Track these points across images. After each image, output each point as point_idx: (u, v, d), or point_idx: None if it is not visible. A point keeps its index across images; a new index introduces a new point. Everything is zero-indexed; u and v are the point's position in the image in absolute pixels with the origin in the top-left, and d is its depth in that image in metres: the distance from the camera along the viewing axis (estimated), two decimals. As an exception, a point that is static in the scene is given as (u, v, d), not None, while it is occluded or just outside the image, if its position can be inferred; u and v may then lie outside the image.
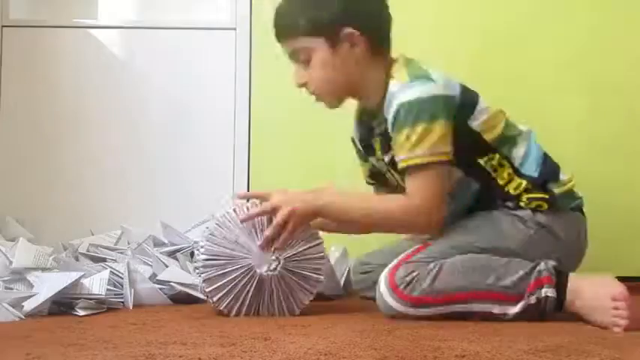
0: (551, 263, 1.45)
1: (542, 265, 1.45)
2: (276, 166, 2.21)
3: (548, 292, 1.42)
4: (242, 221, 1.47)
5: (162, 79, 2.28)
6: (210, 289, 1.45)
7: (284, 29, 1.61)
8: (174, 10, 2.32)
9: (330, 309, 1.55)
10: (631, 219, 2.18)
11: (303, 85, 1.63)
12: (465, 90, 1.57)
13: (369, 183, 1.80)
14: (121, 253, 1.84)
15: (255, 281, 1.45)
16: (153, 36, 2.29)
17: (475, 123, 1.56)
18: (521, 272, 1.44)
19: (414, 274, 1.44)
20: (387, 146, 1.61)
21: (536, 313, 1.42)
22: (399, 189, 1.71)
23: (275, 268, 1.46)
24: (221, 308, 1.46)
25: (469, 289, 1.43)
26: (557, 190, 1.57)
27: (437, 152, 1.49)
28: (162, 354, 1.00)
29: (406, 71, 1.55)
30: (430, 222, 1.51)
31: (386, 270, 1.47)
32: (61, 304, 1.49)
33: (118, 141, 2.26)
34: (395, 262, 1.48)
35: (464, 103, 1.55)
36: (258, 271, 1.45)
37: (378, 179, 1.75)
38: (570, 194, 1.60)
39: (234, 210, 1.49)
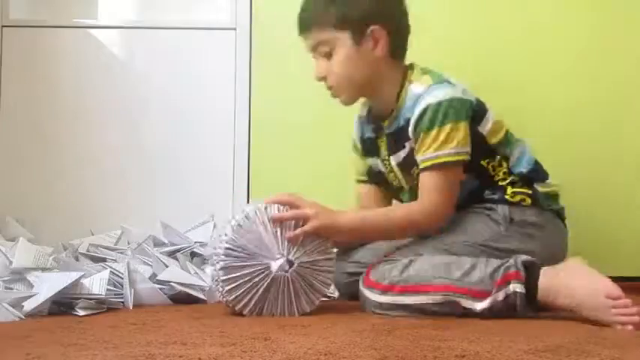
0: (521, 259, 1.47)
1: (510, 261, 1.47)
2: (276, 166, 2.21)
3: (516, 287, 1.43)
4: (273, 220, 1.48)
5: (162, 79, 2.28)
6: (225, 277, 1.46)
7: (312, 19, 1.65)
8: (174, 10, 2.32)
9: (330, 309, 1.55)
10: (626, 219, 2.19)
11: (323, 78, 1.66)
12: (477, 99, 1.66)
13: (359, 181, 1.83)
14: (121, 253, 1.84)
15: (268, 281, 1.46)
16: (153, 36, 2.29)
17: (484, 129, 1.64)
18: (489, 269, 1.47)
19: (385, 267, 1.51)
20: (394, 147, 1.67)
21: (504, 309, 1.44)
22: (398, 189, 1.73)
23: (287, 270, 1.46)
24: (229, 299, 1.46)
25: (436, 283, 1.47)
26: (540, 190, 1.65)
27: (462, 152, 1.57)
28: (162, 354, 1.00)
29: (429, 76, 1.63)
30: (443, 222, 1.59)
31: (364, 272, 1.55)
32: (61, 304, 1.49)
33: (118, 141, 2.26)
34: (372, 263, 1.56)
35: (477, 110, 1.63)
36: (273, 271, 1.46)
37: (377, 178, 1.77)
38: (553, 197, 1.68)
39: (265, 208, 1.50)
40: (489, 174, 1.65)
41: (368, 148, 1.78)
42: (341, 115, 2.17)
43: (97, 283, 1.54)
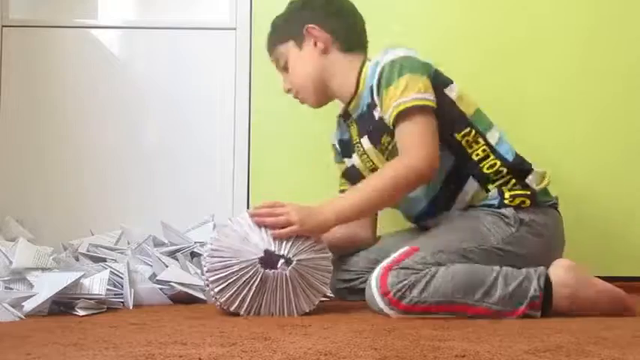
0: (541, 281, 1.48)
1: (532, 288, 1.47)
2: (276, 166, 2.21)
3: (536, 313, 1.48)
4: (251, 215, 1.50)
5: (162, 79, 2.28)
6: (213, 278, 1.46)
7: (270, 42, 1.82)
8: (174, 10, 2.32)
9: (330, 309, 1.55)
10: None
11: (289, 90, 1.80)
12: (437, 70, 1.69)
13: (342, 191, 1.84)
14: (121, 253, 1.84)
15: (259, 278, 1.45)
16: (153, 36, 2.29)
17: (451, 93, 1.67)
18: (509, 287, 1.47)
19: (405, 282, 1.47)
20: (363, 127, 1.72)
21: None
22: None
23: (283, 267, 1.46)
24: (222, 301, 1.46)
25: (456, 303, 1.47)
26: (536, 187, 1.66)
27: (426, 97, 1.60)
28: (162, 354, 1.00)
29: (384, 50, 1.69)
30: (432, 171, 1.58)
31: (377, 271, 1.50)
32: (61, 304, 1.49)
33: (118, 141, 2.26)
34: (385, 263, 1.51)
35: (439, 77, 1.67)
36: (260, 264, 1.45)
37: (354, 178, 1.78)
38: (547, 192, 1.70)
39: (248, 212, 1.53)
40: (466, 150, 1.65)
41: (346, 148, 1.81)
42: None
43: (97, 283, 1.54)
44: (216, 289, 1.46)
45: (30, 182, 2.24)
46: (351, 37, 1.76)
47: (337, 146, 1.87)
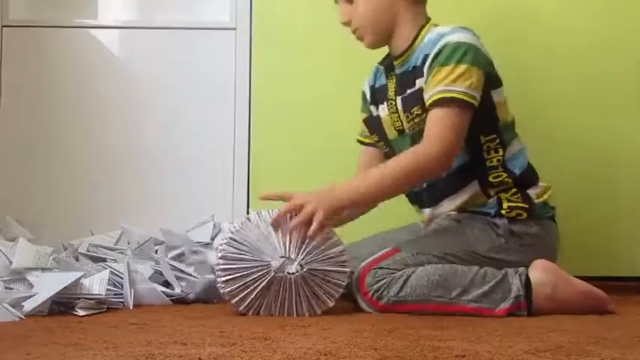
0: (522, 279, 1.49)
1: (515, 287, 1.48)
2: (276, 166, 2.21)
3: (521, 313, 1.49)
4: (273, 221, 1.47)
5: (162, 79, 2.28)
6: (224, 267, 1.46)
7: None
8: (174, 10, 2.32)
9: (330, 309, 1.55)
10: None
11: (347, 22, 1.72)
12: (495, 68, 1.67)
13: (360, 141, 1.86)
14: (121, 253, 1.83)
15: (267, 279, 1.45)
16: (153, 36, 2.29)
17: (496, 96, 1.66)
18: (487, 286, 1.49)
19: (382, 282, 1.49)
20: (402, 87, 1.69)
21: None
22: (395, 148, 1.74)
23: (293, 272, 1.45)
24: (226, 290, 1.46)
25: (434, 302, 1.49)
26: (536, 200, 1.66)
27: (473, 94, 1.58)
28: (162, 354, 1.00)
29: (453, 24, 1.65)
30: (448, 162, 1.57)
31: (358, 269, 1.53)
32: (61, 304, 1.49)
33: (118, 141, 2.26)
34: (365, 263, 1.54)
35: (494, 75, 1.66)
36: (273, 270, 1.45)
37: (374, 129, 1.79)
38: (547, 204, 1.69)
39: (268, 211, 1.51)
40: (482, 155, 1.66)
41: (377, 95, 1.79)
42: (341, 114, 2.18)
43: (97, 283, 1.54)
44: (224, 278, 1.46)
45: (30, 182, 2.24)
46: None
47: (367, 93, 1.84)
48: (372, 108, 1.81)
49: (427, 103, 1.59)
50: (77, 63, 2.28)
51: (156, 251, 1.83)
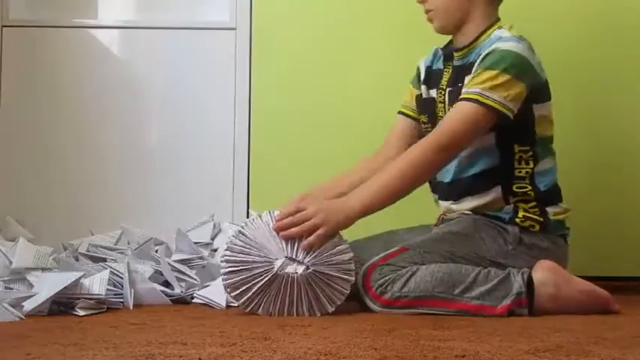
0: (525, 277, 1.50)
1: (517, 284, 1.49)
2: (276, 166, 2.21)
3: (522, 311, 1.49)
4: (276, 229, 1.47)
5: (163, 79, 2.28)
6: (228, 257, 1.46)
7: None
8: (174, 10, 2.32)
9: (330, 309, 1.55)
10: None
11: (423, 1, 1.73)
12: (547, 83, 1.68)
13: (401, 112, 1.85)
14: (121, 253, 1.83)
15: (270, 276, 1.45)
16: (153, 36, 2.29)
17: (539, 111, 1.66)
18: (491, 284, 1.50)
19: (387, 277, 1.50)
20: (455, 79, 1.70)
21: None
22: (431, 126, 1.74)
23: (297, 272, 1.45)
24: (228, 282, 1.46)
25: (437, 298, 1.49)
26: (552, 218, 1.66)
27: (508, 106, 1.58)
28: (162, 354, 1.00)
29: (518, 34, 1.65)
30: (454, 141, 1.58)
31: (365, 266, 1.53)
32: (61, 304, 1.49)
33: (118, 141, 2.26)
34: (373, 260, 1.54)
35: (543, 91, 1.66)
36: (277, 268, 1.45)
37: (425, 109, 1.79)
38: (562, 223, 1.70)
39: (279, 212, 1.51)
40: (513, 164, 1.66)
41: (431, 77, 1.80)
42: (341, 115, 2.18)
43: (97, 283, 1.54)
44: (227, 269, 1.46)
45: (30, 182, 2.24)
46: None
47: (422, 72, 1.84)
48: (423, 88, 1.81)
49: (461, 96, 1.60)
50: (77, 63, 2.28)
51: (156, 251, 1.83)
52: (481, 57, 1.62)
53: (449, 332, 1.24)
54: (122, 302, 1.60)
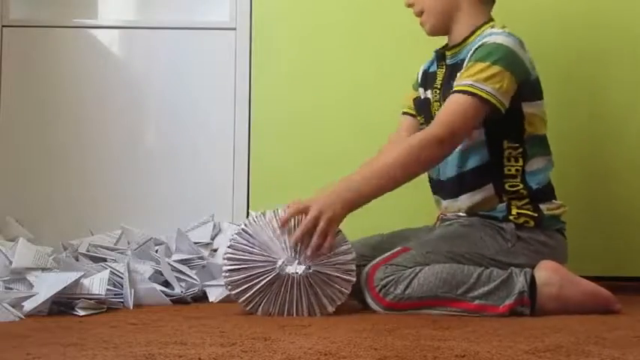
0: (527, 277, 1.50)
1: (519, 283, 1.49)
2: (276, 166, 2.20)
3: (524, 310, 1.49)
4: (282, 223, 1.48)
5: (163, 79, 2.28)
6: (230, 255, 1.46)
7: None
8: (174, 10, 2.32)
9: (330, 309, 1.55)
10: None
11: (411, 5, 1.75)
12: (538, 80, 1.69)
13: (405, 112, 1.86)
14: (121, 253, 1.84)
15: (272, 275, 1.45)
16: (153, 36, 2.29)
17: (528, 109, 1.66)
18: (494, 284, 1.50)
19: (390, 278, 1.50)
20: (449, 78, 1.71)
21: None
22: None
23: (298, 272, 1.45)
24: (229, 280, 1.46)
25: (440, 298, 1.50)
26: (546, 213, 1.66)
27: (497, 97, 1.58)
28: (162, 354, 1.00)
29: (509, 31, 1.67)
30: (451, 135, 1.57)
31: (369, 266, 1.54)
32: (61, 304, 1.49)
33: (118, 141, 2.26)
34: (377, 260, 1.54)
35: (533, 88, 1.66)
36: (278, 268, 1.45)
37: (421, 110, 1.80)
38: (557, 218, 1.70)
39: (285, 210, 1.51)
40: (502, 161, 1.66)
41: (428, 79, 1.81)
42: (341, 115, 2.18)
43: (97, 283, 1.54)
44: (229, 267, 1.46)
45: (30, 182, 2.24)
46: None
47: (420, 74, 1.86)
48: (421, 90, 1.83)
49: (453, 89, 1.61)
50: (77, 63, 2.28)
51: (156, 251, 1.83)
52: (472, 51, 1.63)
53: (449, 332, 1.24)
54: (122, 302, 1.60)
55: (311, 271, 1.46)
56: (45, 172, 2.25)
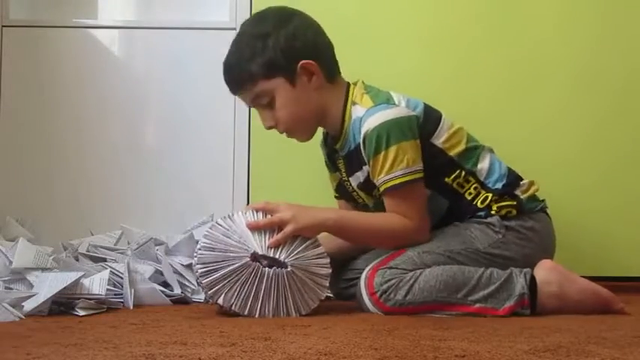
0: (527, 278, 1.50)
1: (519, 285, 1.49)
2: (276, 166, 2.20)
3: (524, 312, 1.49)
4: (250, 227, 1.49)
5: (162, 79, 2.28)
6: (201, 255, 1.46)
7: (240, 80, 1.65)
8: (174, 10, 2.32)
9: (330, 309, 1.55)
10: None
11: (272, 127, 1.68)
12: (427, 108, 1.66)
13: (336, 196, 1.86)
14: (121, 253, 1.84)
15: (249, 272, 1.45)
16: (153, 36, 2.29)
17: (439, 141, 1.64)
18: (494, 286, 1.50)
19: (390, 282, 1.50)
20: (351, 168, 1.69)
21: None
22: (363, 207, 1.75)
23: (272, 266, 1.46)
24: (203, 282, 1.46)
25: (440, 302, 1.50)
26: (522, 196, 1.66)
27: (413, 170, 1.57)
28: (162, 354, 1.00)
29: (369, 97, 1.63)
30: (425, 236, 1.60)
31: (366, 271, 1.54)
32: (61, 304, 1.49)
33: (118, 141, 2.26)
34: (374, 264, 1.55)
35: (427, 120, 1.64)
36: (251, 263, 1.45)
37: (344, 193, 1.80)
38: (534, 198, 1.69)
39: (246, 212, 1.52)
40: (458, 192, 1.65)
41: (335, 165, 1.80)
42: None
43: (97, 283, 1.54)
44: (199, 270, 1.46)
45: (30, 182, 2.24)
46: (332, 66, 1.69)
47: (325, 157, 1.84)
48: (337, 174, 1.80)
49: (379, 193, 1.61)
50: (77, 63, 2.28)
51: (156, 251, 1.83)
52: (362, 148, 1.59)
53: (449, 332, 1.24)
54: (122, 302, 1.60)
55: (289, 268, 1.46)
56: (45, 172, 2.25)
